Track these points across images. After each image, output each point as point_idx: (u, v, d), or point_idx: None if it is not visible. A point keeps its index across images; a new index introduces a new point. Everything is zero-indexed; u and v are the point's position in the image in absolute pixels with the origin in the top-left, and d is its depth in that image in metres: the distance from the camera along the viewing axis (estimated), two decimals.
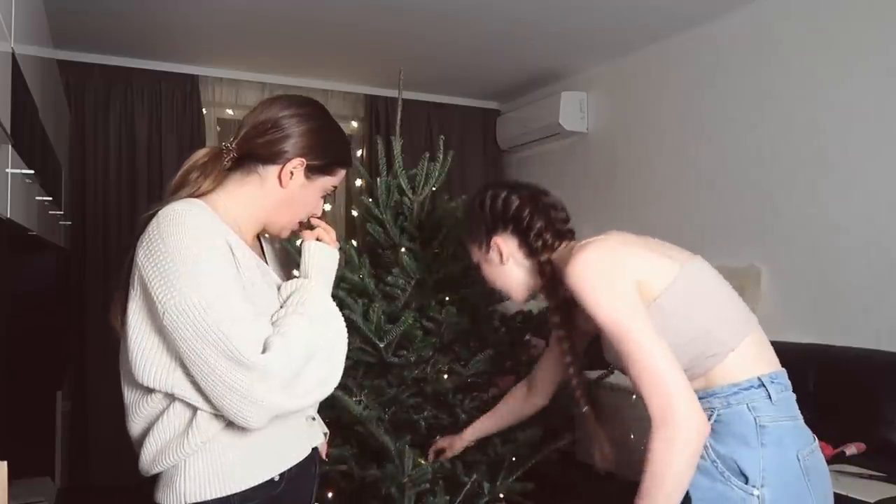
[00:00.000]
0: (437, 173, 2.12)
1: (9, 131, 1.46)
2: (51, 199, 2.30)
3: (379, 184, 2.09)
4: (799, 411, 1.32)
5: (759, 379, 1.26)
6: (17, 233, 1.91)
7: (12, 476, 1.17)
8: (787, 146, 3.14)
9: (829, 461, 2.22)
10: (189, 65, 4.20)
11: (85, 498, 3.67)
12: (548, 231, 1.43)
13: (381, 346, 1.90)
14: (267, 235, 1.36)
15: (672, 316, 1.25)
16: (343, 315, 1.24)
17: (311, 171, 1.23)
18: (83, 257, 3.91)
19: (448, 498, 1.89)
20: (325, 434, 1.37)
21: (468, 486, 1.91)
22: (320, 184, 1.26)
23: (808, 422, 1.32)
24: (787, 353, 2.86)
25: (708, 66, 3.56)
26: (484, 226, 1.47)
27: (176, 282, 1.01)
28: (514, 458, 1.98)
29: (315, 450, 1.29)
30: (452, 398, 2.00)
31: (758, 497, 1.21)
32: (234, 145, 1.20)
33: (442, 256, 2.03)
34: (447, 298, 2.00)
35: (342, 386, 1.88)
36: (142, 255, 1.05)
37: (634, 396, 1.57)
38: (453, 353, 2.06)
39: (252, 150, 1.19)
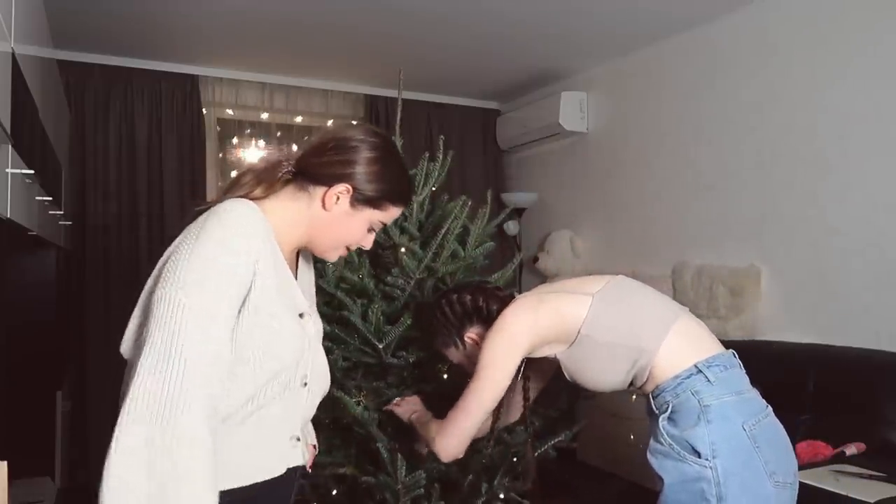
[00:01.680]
0: (436, 173, 2.12)
1: (9, 131, 1.46)
2: (51, 199, 2.30)
3: None
4: (747, 385, 1.49)
5: (696, 366, 1.44)
6: (17, 233, 1.91)
7: (12, 476, 1.17)
8: (787, 147, 3.14)
9: (829, 461, 2.24)
10: (189, 65, 4.19)
11: (85, 498, 3.64)
12: (502, 308, 1.63)
13: (381, 346, 1.90)
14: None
15: (599, 340, 1.49)
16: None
17: (358, 201, 1.20)
18: (83, 257, 3.91)
19: (443, 503, 1.89)
20: (315, 447, 1.35)
21: (465, 488, 1.90)
22: (366, 216, 1.22)
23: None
24: (787, 353, 2.89)
25: (707, 67, 3.56)
26: (453, 329, 1.69)
27: (182, 273, 1.02)
28: (514, 459, 1.98)
29: (291, 469, 1.21)
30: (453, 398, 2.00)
31: (711, 468, 1.37)
32: (293, 159, 1.21)
33: (441, 256, 2.03)
34: None
35: (341, 387, 1.89)
36: (179, 239, 1.08)
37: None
38: None
39: (307, 167, 1.19)
